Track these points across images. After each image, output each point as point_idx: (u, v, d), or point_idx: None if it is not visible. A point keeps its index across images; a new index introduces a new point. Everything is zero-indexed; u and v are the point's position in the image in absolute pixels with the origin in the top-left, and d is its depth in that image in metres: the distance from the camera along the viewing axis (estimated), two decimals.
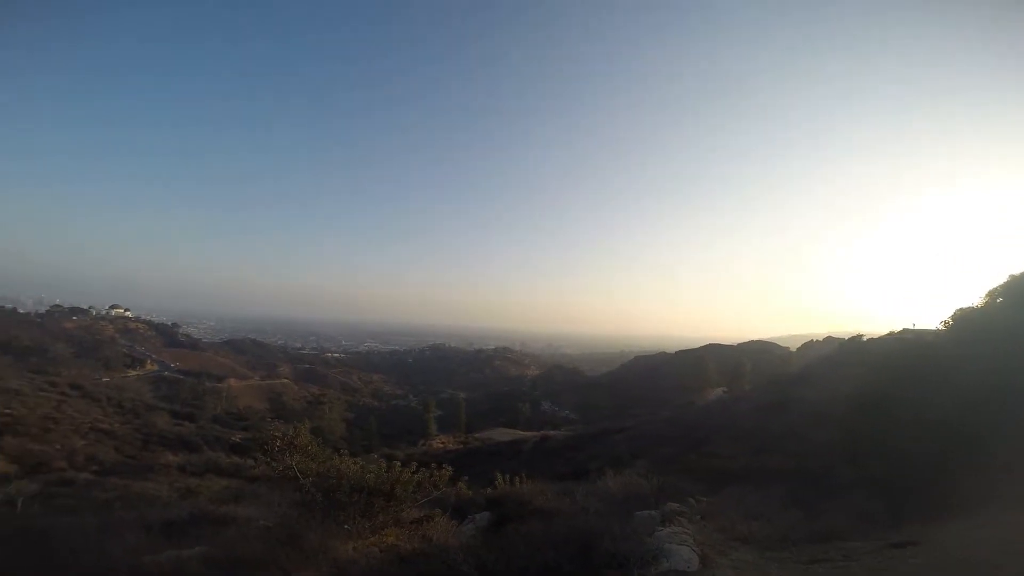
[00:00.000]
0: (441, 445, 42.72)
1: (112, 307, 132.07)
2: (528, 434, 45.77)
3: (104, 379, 70.82)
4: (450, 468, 8.17)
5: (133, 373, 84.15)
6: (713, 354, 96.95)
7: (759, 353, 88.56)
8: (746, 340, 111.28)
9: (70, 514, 10.99)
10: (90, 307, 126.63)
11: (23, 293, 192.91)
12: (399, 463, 7.45)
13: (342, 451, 8.47)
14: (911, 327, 29.75)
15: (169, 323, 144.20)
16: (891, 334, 29.21)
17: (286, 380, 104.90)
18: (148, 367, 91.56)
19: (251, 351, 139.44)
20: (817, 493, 10.09)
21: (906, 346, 23.87)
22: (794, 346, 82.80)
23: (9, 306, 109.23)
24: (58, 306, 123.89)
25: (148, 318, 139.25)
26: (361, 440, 52.22)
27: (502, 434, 48.82)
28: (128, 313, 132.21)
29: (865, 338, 31.51)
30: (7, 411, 32.26)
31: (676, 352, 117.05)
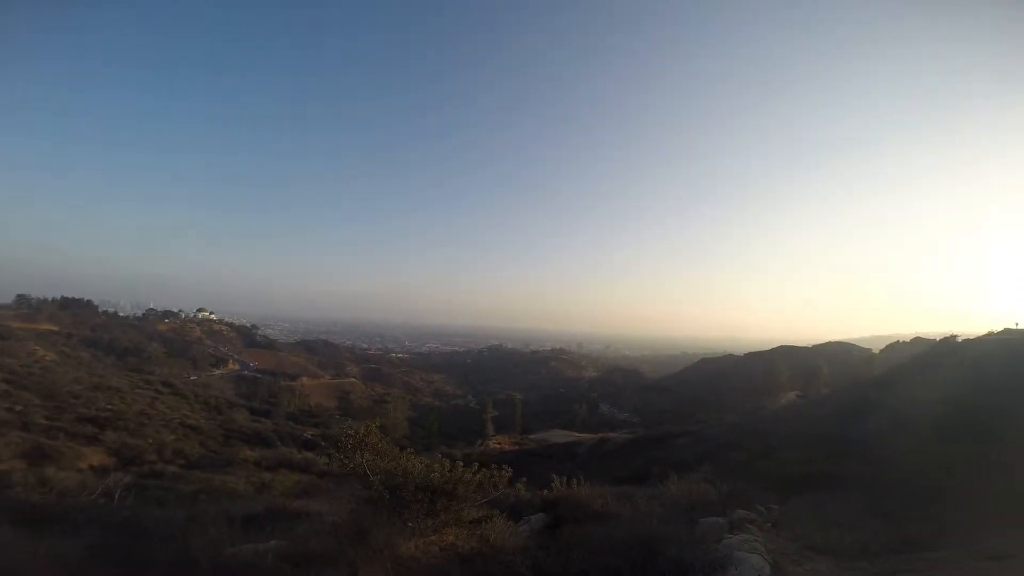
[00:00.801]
0: (497, 446, 42.92)
1: (199, 310, 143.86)
2: (584, 436, 45.14)
3: (192, 377, 77.28)
4: (509, 470, 8.06)
5: (217, 372, 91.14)
6: (785, 356, 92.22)
7: (837, 355, 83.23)
8: (822, 341, 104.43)
9: (159, 505, 11.75)
10: (180, 310, 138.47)
11: (122, 298, 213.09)
12: (461, 463, 7.48)
13: (407, 449, 8.51)
14: (1014, 327, 28.25)
15: (249, 325, 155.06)
16: (990, 334, 27.75)
17: (354, 379, 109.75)
18: (230, 366, 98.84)
19: (322, 351, 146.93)
20: (899, 502, 9.49)
21: (1008, 348, 21.62)
22: (877, 347, 78.13)
23: (111, 310, 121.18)
24: (152, 310, 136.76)
25: (230, 321, 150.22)
26: (422, 439, 53.47)
27: (558, 436, 48.42)
28: (213, 316, 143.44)
29: (960, 339, 29.46)
30: (109, 407, 35.74)
31: (745, 355, 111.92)
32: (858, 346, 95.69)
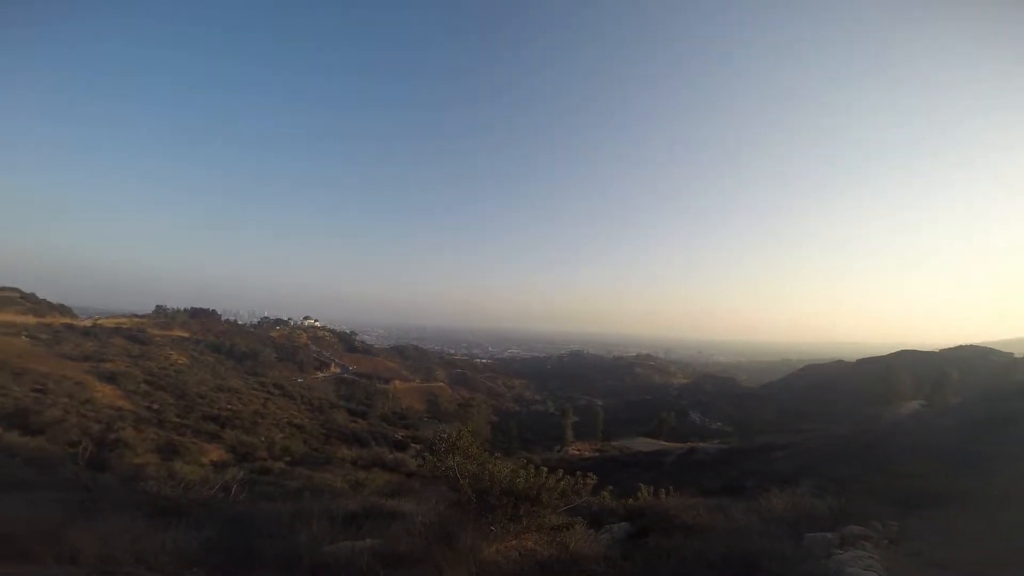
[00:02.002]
0: (577, 452, 42.42)
1: (305, 318, 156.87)
2: (671, 445, 43.27)
3: (299, 380, 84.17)
4: (595, 477, 8.00)
5: (321, 375, 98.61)
6: (906, 362, 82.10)
7: (970, 360, 72.42)
8: (952, 345, 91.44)
9: (268, 500, 12.85)
10: (289, 318, 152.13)
11: (241, 307, 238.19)
12: (546, 469, 7.51)
13: (494, 454, 8.69)
14: None
15: (348, 331, 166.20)
16: None
17: (441, 383, 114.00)
18: (332, 370, 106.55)
19: (413, 356, 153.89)
20: None
21: None
22: (1021, 351, 68.04)
23: (232, 318, 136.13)
24: (266, 318, 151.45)
25: (332, 327, 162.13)
26: (502, 443, 54.16)
27: (642, 444, 46.89)
28: (317, 323, 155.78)
29: None
30: (229, 407, 40.16)
31: (858, 361, 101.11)
32: (997, 350, 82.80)
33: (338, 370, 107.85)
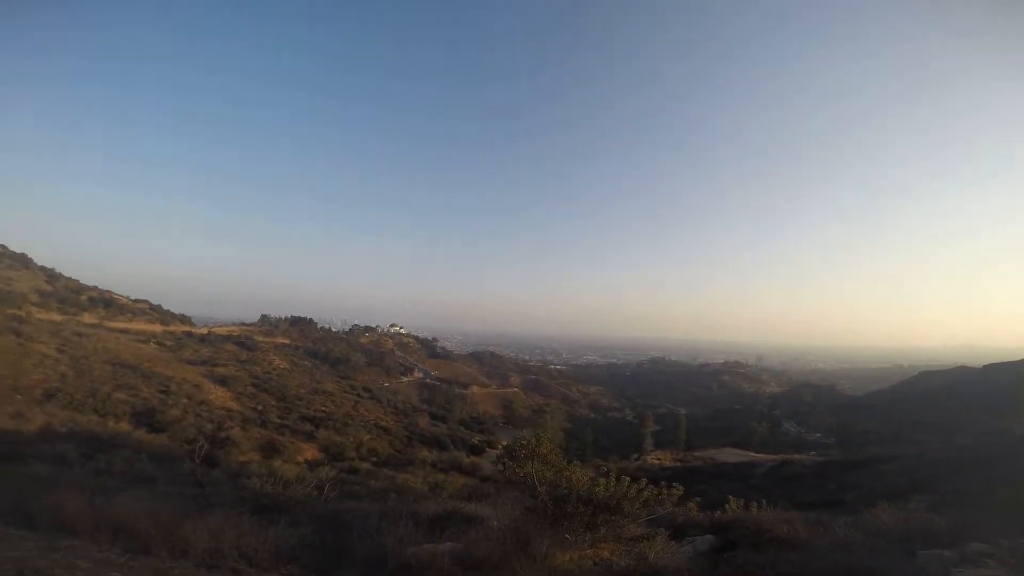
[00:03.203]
0: (657, 461, 40.96)
1: (392, 325, 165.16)
2: (762, 457, 40.59)
3: (385, 384, 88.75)
4: (681, 487, 7.91)
5: (405, 379, 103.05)
6: None
7: None
8: None
9: (355, 499, 13.57)
10: (377, 325, 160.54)
11: (335, 316, 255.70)
12: (628, 479, 7.46)
13: (574, 462, 8.78)
14: None
15: (430, 337, 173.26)
16: None
17: (516, 389, 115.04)
18: (415, 375, 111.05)
19: (489, 362, 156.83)
20: None
21: None
22: None
23: (327, 326, 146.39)
24: (357, 325, 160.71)
25: (415, 334, 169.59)
26: (576, 450, 53.56)
27: (729, 454, 44.33)
28: (403, 330, 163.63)
29: None
30: (323, 409, 43.30)
31: (984, 367, 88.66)
32: None
33: (420, 375, 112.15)
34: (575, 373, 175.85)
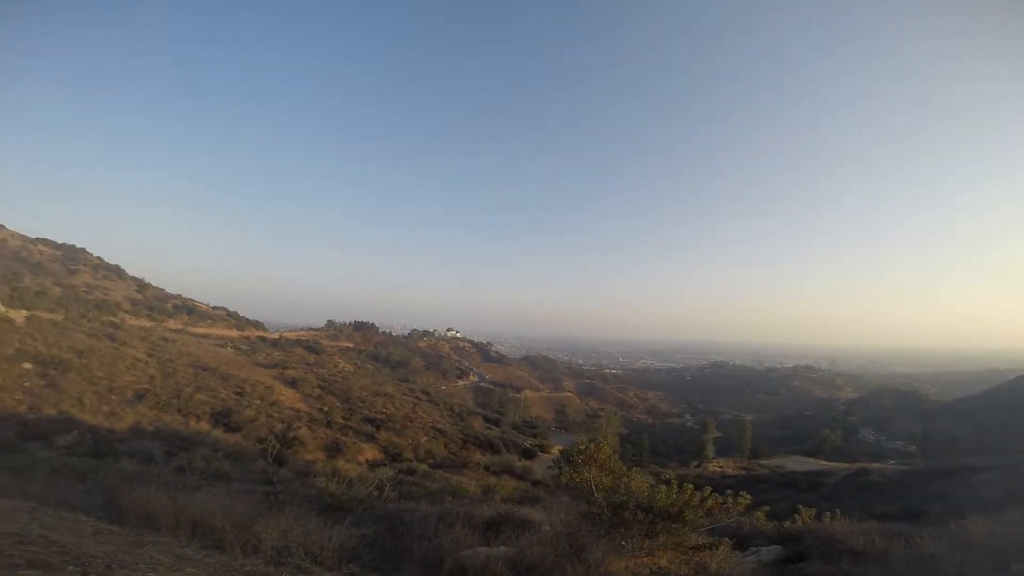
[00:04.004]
0: (719, 469, 39.32)
1: (448, 330, 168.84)
2: (835, 465, 38.26)
3: (442, 387, 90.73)
4: (748, 496, 7.70)
5: (461, 383, 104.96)
6: None
7: None
8: None
9: (411, 500, 13.91)
10: (434, 330, 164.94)
11: (395, 320, 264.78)
12: (692, 487, 7.32)
13: (633, 468, 8.67)
14: None
15: (484, 342, 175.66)
16: None
17: (569, 393, 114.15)
18: (470, 378, 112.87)
19: (542, 366, 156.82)
20: None
21: None
22: None
23: (387, 330, 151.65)
24: (415, 330, 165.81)
25: (471, 338, 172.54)
26: (632, 456, 52.41)
27: (798, 463, 41.93)
28: (458, 334, 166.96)
29: None
30: (384, 411, 44.71)
31: None
32: None
33: (475, 379, 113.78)
34: (632, 377, 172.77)
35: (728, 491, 7.59)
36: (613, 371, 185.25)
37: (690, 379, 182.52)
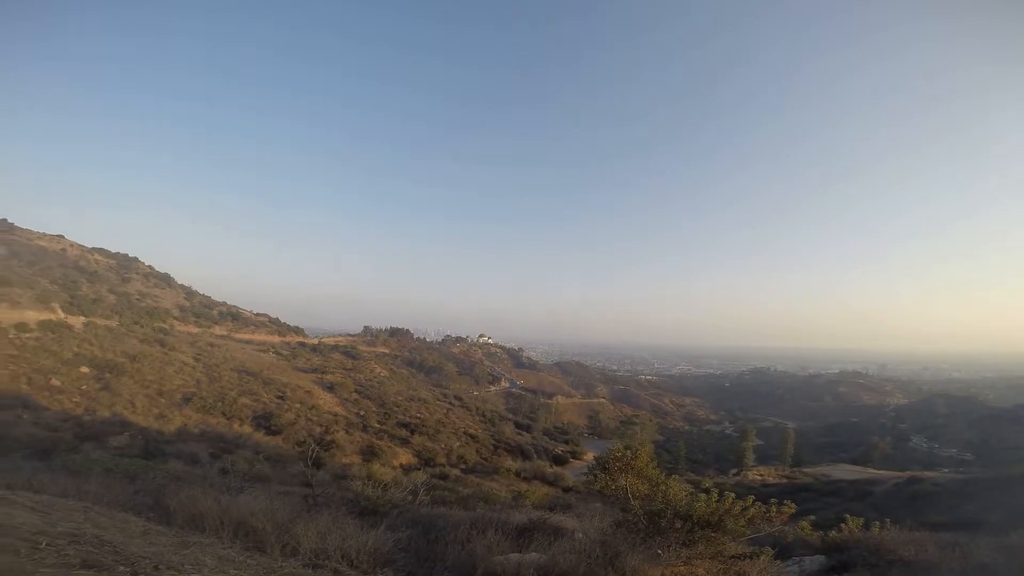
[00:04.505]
0: (759, 477, 38.15)
1: (480, 335, 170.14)
2: (884, 474, 36.75)
3: (474, 392, 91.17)
4: (792, 504, 7.47)
5: (493, 388, 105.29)
6: None
7: None
8: None
9: (444, 505, 13.97)
10: (467, 336, 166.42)
11: (428, 326, 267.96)
12: (733, 495, 7.18)
13: (672, 476, 8.56)
14: None
15: (516, 348, 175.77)
16: None
17: (603, 400, 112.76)
18: (502, 384, 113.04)
19: (575, 372, 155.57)
20: None
21: None
22: None
23: (421, 336, 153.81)
24: (449, 336, 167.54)
25: (503, 344, 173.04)
26: (667, 463, 51.35)
27: (844, 471, 40.57)
28: (490, 340, 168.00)
29: None
30: (418, 416, 45.24)
31: None
32: None
33: (507, 384, 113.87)
34: (668, 384, 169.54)
35: (772, 500, 7.35)
36: (648, 377, 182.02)
37: (729, 385, 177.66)
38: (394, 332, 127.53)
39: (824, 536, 9.65)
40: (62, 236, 69.34)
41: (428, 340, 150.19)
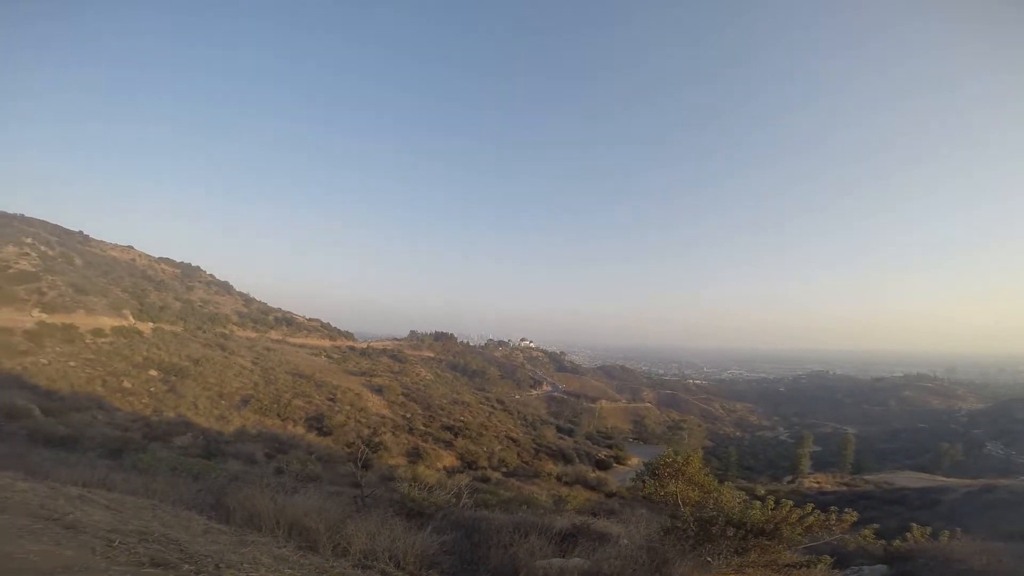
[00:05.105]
0: (816, 484, 36.47)
1: (522, 339, 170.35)
2: (954, 481, 34.25)
3: (516, 396, 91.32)
4: (854, 513, 7.22)
5: (534, 392, 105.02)
6: None
7: None
8: None
9: (486, 508, 14.04)
10: (509, 339, 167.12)
11: (471, 330, 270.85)
12: (791, 503, 7.01)
13: (726, 483, 8.45)
14: None
15: (558, 351, 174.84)
16: None
17: (648, 404, 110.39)
18: (544, 388, 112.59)
19: (619, 376, 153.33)
20: None
21: None
22: None
23: (465, 340, 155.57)
24: (491, 340, 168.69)
25: (544, 348, 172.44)
26: (717, 470, 49.85)
27: (909, 478, 38.36)
28: (532, 344, 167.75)
29: None
30: (461, 419, 45.74)
31: None
32: None
33: (549, 388, 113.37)
34: (718, 388, 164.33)
35: (832, 508, 7.08)
36: (697, 381, 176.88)
37: (784, 390, 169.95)
38: (439, 336, 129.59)
39: (887, 545, 9.33)
40: (132, 247, 74.70)
41: (471, 344, 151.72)
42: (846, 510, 7.01)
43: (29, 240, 48.11)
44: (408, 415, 42.07)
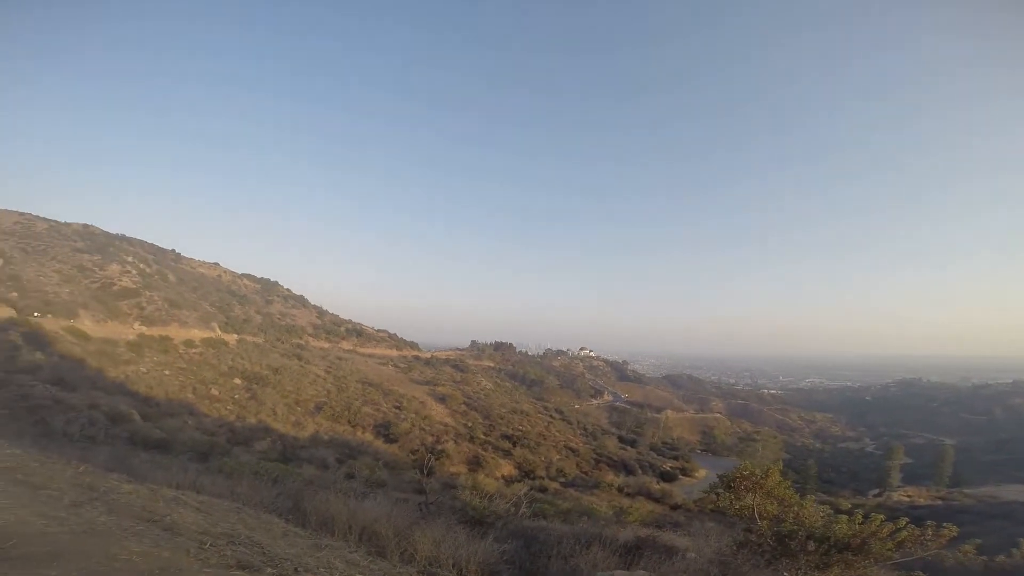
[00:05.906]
0: (906, 498, 33.76)
1: (581, 348, 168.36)
2: None
3: (576, 406, 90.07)
4: (955, 527, 6.77)
5: (595, 402, 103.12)
6: None
7: None
8: None
9: (544, 518, 14.01)
10: (568, 349, 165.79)
11: (530, 340, 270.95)
12: (881, 516, 6.67)
13: (808, 496, 8.17)
14: None
15: (620, 360, 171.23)
16: None
17: (718, 415, 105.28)
18: (605, 398, 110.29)
19: (686, 386, 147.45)
20: None
21: None
22: None
23: (524, 349, 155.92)
24: (550, 349, 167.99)
25: (605, 357, 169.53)
26: (795, 483, 46.55)
27: (1017, 492, 35.18)
28: (592, 353, 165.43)
29: None
30: (520, 428, 45.92)
31: None
32: None
33: (610, 398, 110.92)
34: (795, 398, 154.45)
35: (928, 522, 6.58)
36: (771, 391, 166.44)
37: (870, 399, 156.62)
38: (498, 346, 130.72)
39: (988, 561, 8.79)
40: (218, 263, 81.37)
41: (530, 354, 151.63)
42: (944, 524, 6.56)
43: (130, 259, 53.67)
44: (469, 424, 42.72)
